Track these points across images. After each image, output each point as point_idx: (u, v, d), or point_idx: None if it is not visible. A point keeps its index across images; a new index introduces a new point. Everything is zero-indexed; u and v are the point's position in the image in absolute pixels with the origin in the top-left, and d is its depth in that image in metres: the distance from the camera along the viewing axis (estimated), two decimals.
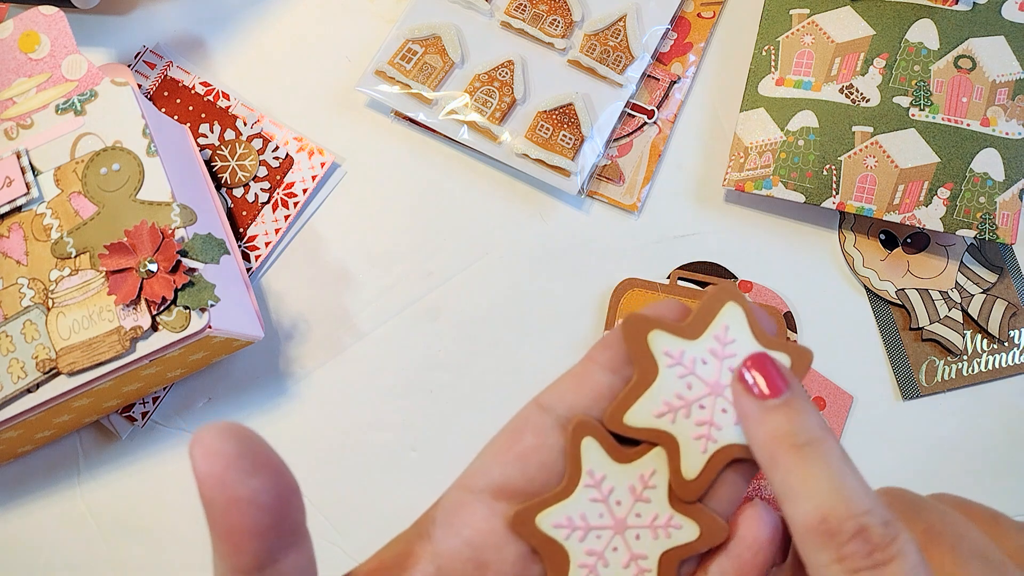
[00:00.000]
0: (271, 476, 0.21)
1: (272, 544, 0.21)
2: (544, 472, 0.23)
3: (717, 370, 0.23)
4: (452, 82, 0.47)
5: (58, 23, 0.41)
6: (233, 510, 0.20)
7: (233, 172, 0.47)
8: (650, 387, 0.23)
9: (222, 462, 0.20)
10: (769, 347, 0.23)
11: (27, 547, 0.43)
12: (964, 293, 0.45)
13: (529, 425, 0.24)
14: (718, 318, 0.24)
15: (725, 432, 0.23)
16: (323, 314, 0.45)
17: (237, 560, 0.20)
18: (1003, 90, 0.44)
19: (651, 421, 0.23)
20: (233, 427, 0.20)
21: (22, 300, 0.38)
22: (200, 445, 0.20)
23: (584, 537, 0.23)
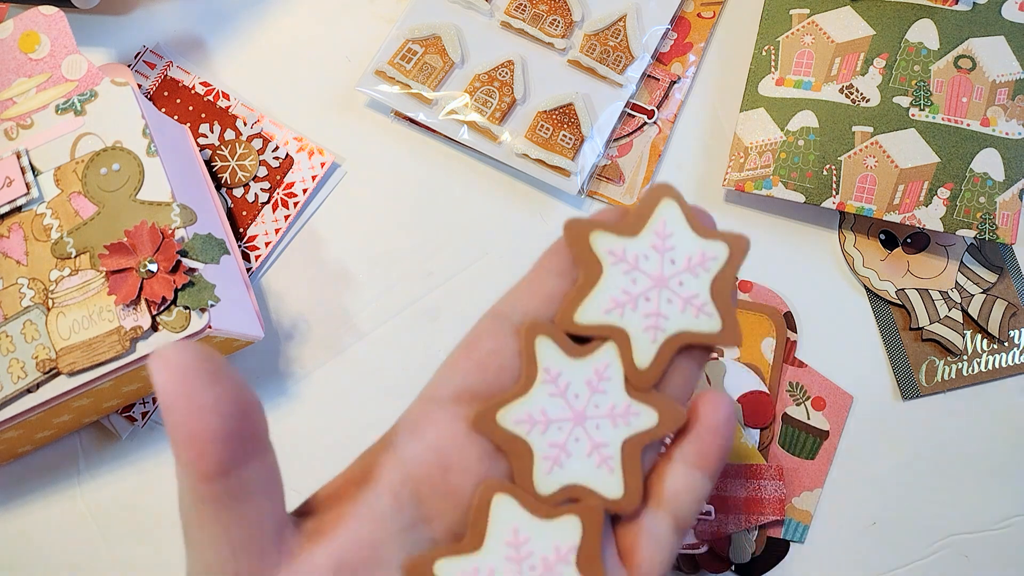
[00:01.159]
0: (231, 386, 0.21)
1: (234, 450, 0.21)
2: (503, 375, 0.24)
3: (659, 263, 0.24)
4: (452, 82, 0.47)
5: (58, 23, 0.41)
6: (194, 416, 0.20)
7: (233, 172, 0.47)
8: (596, 285, 0.24)
9: (182, 371, 0.20)
10: (706, 237, 0.24)
11: (27, 547, 0.43)
12: (964, 293, 0.45)
13: (485, 333, 0.24)
14: (656, 214, 0.24)
15: (672, 321, 0.24)
16: (323, 314, 0.45)
17: (200, 466, 0.20)
18: (1003, 90, 0.44)
19: (600, 317, 0.24)
20: (192, 343, 0.20)
21: (22, 300, 0.38)
22: (159, 358, 0.20)
23: (545, 430, 0.24)
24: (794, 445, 0.43)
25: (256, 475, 0.21)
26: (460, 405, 0.24)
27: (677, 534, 0.24)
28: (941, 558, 0.42)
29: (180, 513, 0.22)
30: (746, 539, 0.42)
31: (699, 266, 0.24)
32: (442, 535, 0.23)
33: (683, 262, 0.24)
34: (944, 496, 0.43)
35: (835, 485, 0.43)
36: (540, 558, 0.23)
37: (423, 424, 0.24)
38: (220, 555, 0.21)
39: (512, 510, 0.23)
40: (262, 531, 0.21)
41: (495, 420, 0.23)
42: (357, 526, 0.22)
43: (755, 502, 0.42)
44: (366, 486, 0.23)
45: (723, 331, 0.24)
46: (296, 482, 0.44)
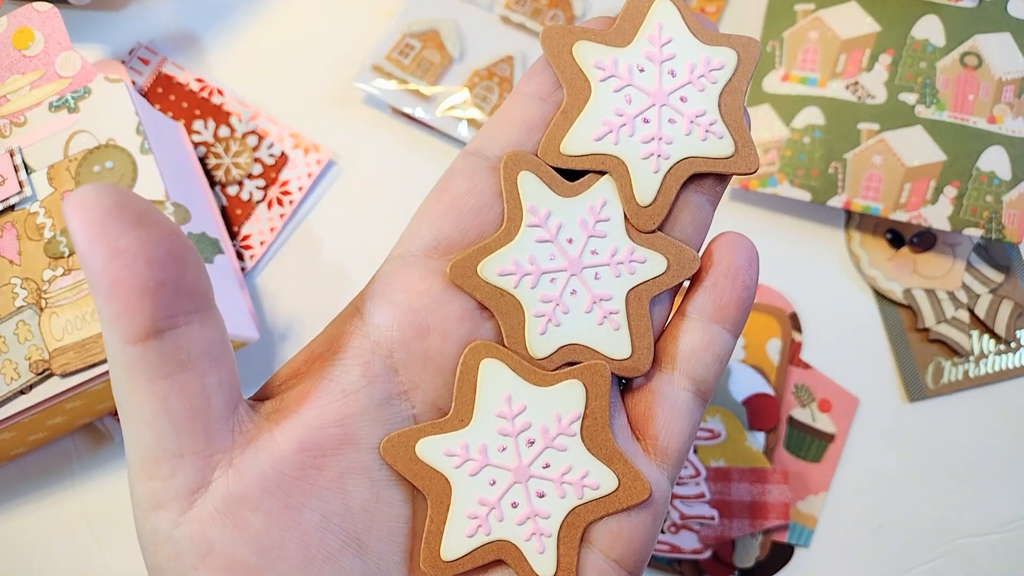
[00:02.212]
0: (161, 230, 0.17)
1: (167, 304, 0.17)
2: (480, 217, 0.20)
3: (657, 76, 0.20)
4: (450, 77, 0.47)
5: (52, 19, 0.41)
6: (116, 263, 0.17)
7: (227, 170, 0.46)
8: (584, 107, 0.20)
9: (100, 213, 0.17)
10: (709, 43, 0.21)
11: (21, 550, 0.43)
12: (971, 293, 0.45)
13: (457, 172, 0.21)
14: (649, 18, 0.21)
15: (677, 145, 0.20)
16: (319, 314, 0.45)
17: (128, 324, 0.17)
18: (1009, 87, 0.44)
19: (591, 146, 0.20)
20: (109, 186, 0.17)
21: (15, 300, 0.38)
22: (72, 199, 0.17)
23: (536, 283, 0.20)
24: (799, 448, 0.43)
25: (197, 338, 0.18)
26: (434, 258, 0.21)
27: (698, 399, 0.21)
28: (948, 562, 0.42)
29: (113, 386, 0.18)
30: (751, 544, 0.42)
31: (703, 77, 0.21)
32: (422, 409, 0.20)
33: (684, 73, 0.21)
34: (951, 499, 0.43)
35: (840, 489, 0.43)
36: (539, 430, 0.20)
37: (393, 284, 0.21)
38: (160, 433, 0.18)
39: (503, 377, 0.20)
40: (208, 405, 0.18)
41: (476, 272, 0.20)
42: (323, 403, 0.19)
43: (760, 506, 0.42)
44: (332, 359, 0.20)
45: (737, 154, 0.21)
46: None
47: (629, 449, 0.21)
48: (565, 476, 0.20)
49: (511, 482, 0.20)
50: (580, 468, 0.20)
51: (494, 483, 0.20)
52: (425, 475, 0.20)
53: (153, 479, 0.18)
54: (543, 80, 0.21)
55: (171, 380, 0.18)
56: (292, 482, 0.19)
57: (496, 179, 0.20)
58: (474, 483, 0.20)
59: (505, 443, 0.20)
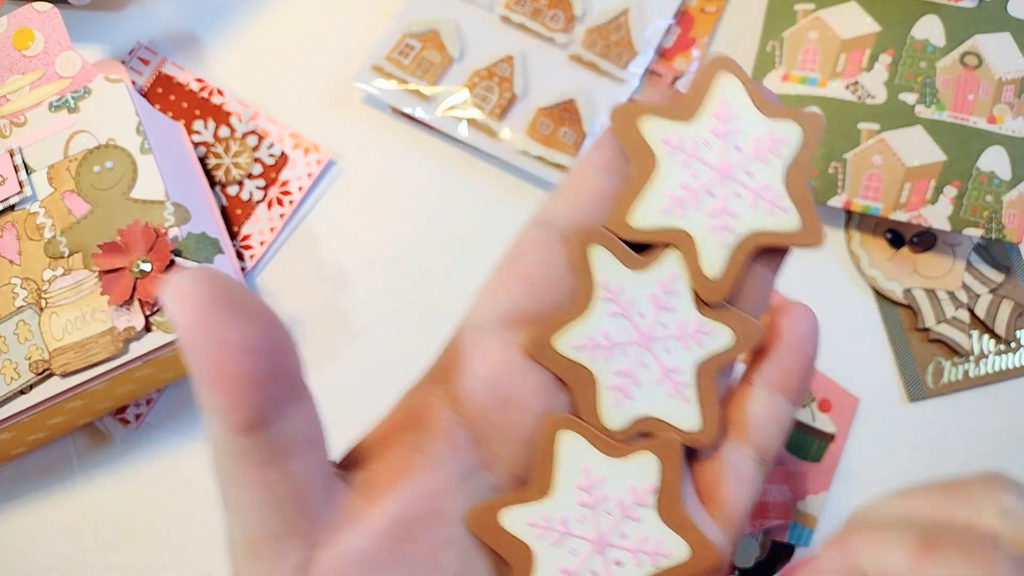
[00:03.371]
0: (261, 319, 0.18)
1: (272, 395, 0.18)
2: (554, 289, 0.21)
3: (722, 150, 0.21)
4: (450, 77, 0.47)
5: (52, 19, 0.41)
6: (224, 356, 0.17)
7: (227, 170, 0.46)
8: (651, 181, 0.21)
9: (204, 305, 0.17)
10: (774, 116, 0.21)
11: (21, 550, 0.43)
12: (971, 293, 0.45)
13: (529, 244, 0.21)
14: (713, 92, 0.21)
15: (743, 219, 0.21)
16: (319, 315, 0.45)
17: (236, 416, 0.17)
18: (1009, 87, 0.44)
19: (658, 219, 0.21)
20: (206, 270, 0.17)
21: (15, 300, 0.38)
22: (173, 289, 0.17)
23: (610, 356, 0.21)
24: (799, 448, 0.43)
25: (299, 423, 0.19)
26: (511, 329, 0.21)
27: (761, 467, 0.22)
28: None
29: (215, 471, 0.19)
30: (751, 543, 0.42)
31: (769, 151, 0.21)
32: (504, 480, 0.21)
33: (750, 148, 0.21)
34: None
35: (841, 488, 0.43)
36: (616, 502, 0.21)
37: (473, 355, 0.21)
38: (266, 517, 0.19)
39: (580, 449, 0.20)
40: (311, 488, 0.19)
41: (552, 346, 0.20)
42: (413, 477, 0.20)
43: (760, 506, 0.42)
44: (418, 430, 0.21)
45: (804, 229, 0.21)
46: None
47: (698, 516, 0.21)
48: (641, 546, 0.21)
49: (590, 551, 0.21)
50: (655, 538, 0.21)
51: (574, 552, 0.21)
52: (510, 545, 0.20)
53: (260, 560, 0.19)
54: (610, 154, 0.21)
55: (276, 466, 0.18)
56: (389, 556, 0.19)
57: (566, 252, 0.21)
58: (556, 553, 0.20)
59: (584, 514, 0.21)
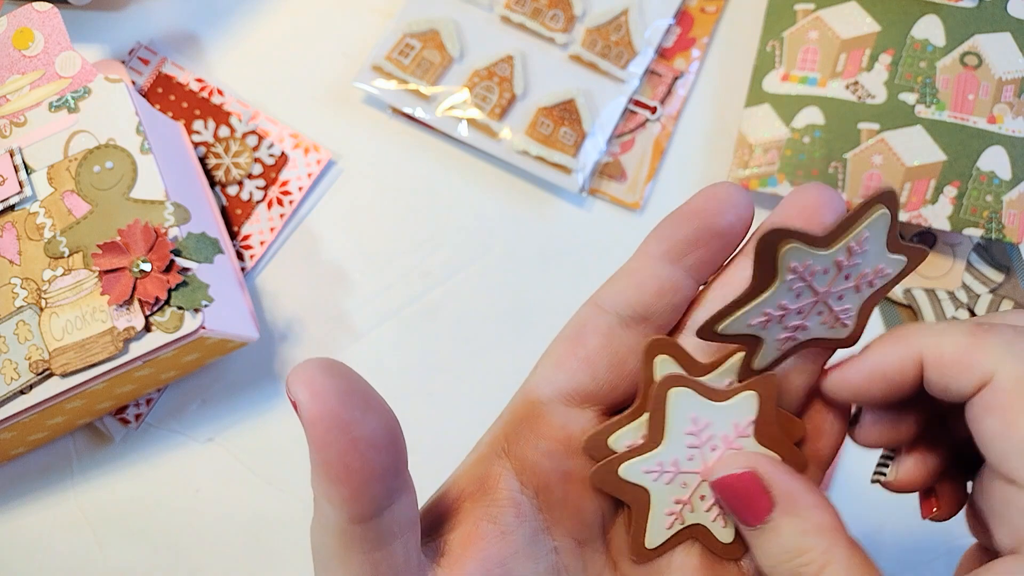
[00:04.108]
0: (383, 413, 0.19)
1: (389, 487, 0.19)
2: (612, 373, 0.23)
3: (832, 280, 0.22)
4: (450, 77, 0.47)
5: (52, 19, 0.41)
6: (352, 452, 0.18)
7: (227, 170, 0.46)
8: (759, 298, 0.21)
9: (335, 400, 0.18)
10: (893, 251, 0.22)
11: (21, 551, 0.43)
12: (971, 293, 0.45)
13: (590, 327, 0.23)
14: (860, 224, 0.21)
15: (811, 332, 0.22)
16: (319, 315, 0.45)
17: (357, 507, 0.19)
18: (1009, 87, 0.44)
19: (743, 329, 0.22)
20: (333, 362, 0.18)
21: (15, 300, 0.38)
22: (305, 384, 0.18)
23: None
24: None
25: (404, 509, 0.20)
26: (571, 406, 0.23)
27: None
28: (948, 562, 0.42)
29: (316, 547, 0.20)
30: None
31: (867, 283, 0.22)
32: (561, 542, 0.23)
33: (856, 278, 0.22)
34: None
35: (840, 490, 0.43)
36: (721, 438, 0.23)
37: (535, 429, 0.23)
38: None
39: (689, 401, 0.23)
40: (408, 567, 0.20)
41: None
42: (486, 545, 0.21)
43: None
44: (486, 499, 0.22)
45: (848, 337, 0.23)
46: (291, 486, 0.43)
47: None
48: None
49: (699, 481, 0.23)
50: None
51: (685, 485, 0.23)
52: (630, 491, 0.23)
53: None
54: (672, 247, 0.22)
55: (382, 550, 0.19)
56: None
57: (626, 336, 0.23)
58: (670, 489, 0.23)
59: (693, 453, 0.23)
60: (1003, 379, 0.19)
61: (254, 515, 0.43)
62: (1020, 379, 0.19)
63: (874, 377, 0.22)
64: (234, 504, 0.43)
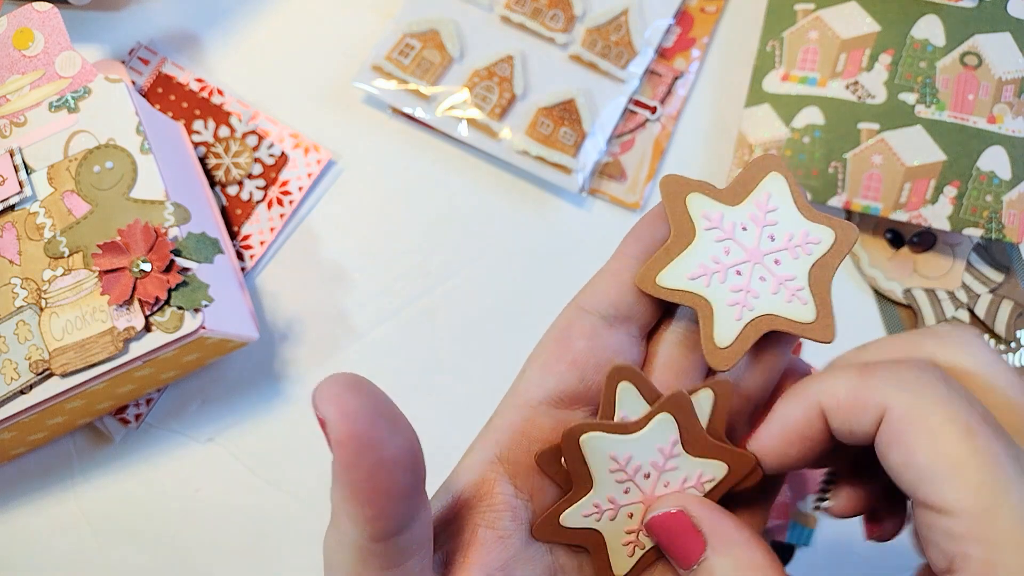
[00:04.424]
0: (408, 432, 0.19)
1: (411, 507, 0.19)
2: (600, 374, 0.23)
3: (756, 237, 0.23)
4: (450, 77, 0.47)
5: (52, 19, 0.41)
6: (380, 474, 0.18)
7: (227, 170, 0.46)
8: (686, 249, 0.22)
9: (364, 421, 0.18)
10: (811, 219, 0.23)
11: (21, 551, 0.43)
12: (971, 293, 0.45)
13: (575, 329, 0.23)
14: (760, 186, 0.23)
15: (762, 300, 0.23)
16: (319, 315, 0.45)
17: (380, 525, 0.19)
18: (1009, 87, 0.44)
19: (685, 283, 0.23)
20: (359, 380, 0.18)
21: (15, 300, 0.38)
22: (334, 403, 0.18)
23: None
24: None
25: (421, 527, 0.20)
26: (560, 408, 0.23)
27: None
28: None
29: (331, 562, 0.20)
30: None
31: (799, 247, 0.23)
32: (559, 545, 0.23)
33: (783, 240, 0.23)
34: None
35: None
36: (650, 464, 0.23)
37: (528, 434, 0.23)
38: None
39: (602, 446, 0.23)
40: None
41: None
42: (486, 551, 0.22)
43: None
44: (482, 506, 0.22)
45: (816, 322, 0.23)
46: (291, 486, 0.43)
47: None
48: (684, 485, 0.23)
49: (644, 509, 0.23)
50: (695, 472, 0.23)
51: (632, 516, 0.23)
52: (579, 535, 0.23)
53: None
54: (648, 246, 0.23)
55: (400, 568, 0.20)
56: None
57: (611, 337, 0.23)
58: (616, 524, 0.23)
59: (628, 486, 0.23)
60: (895, 411, 0.20)
61: (254, 515, 0.43)
62: (910, 407, 0.19)
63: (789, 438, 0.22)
64: (234, 504, 0.43)
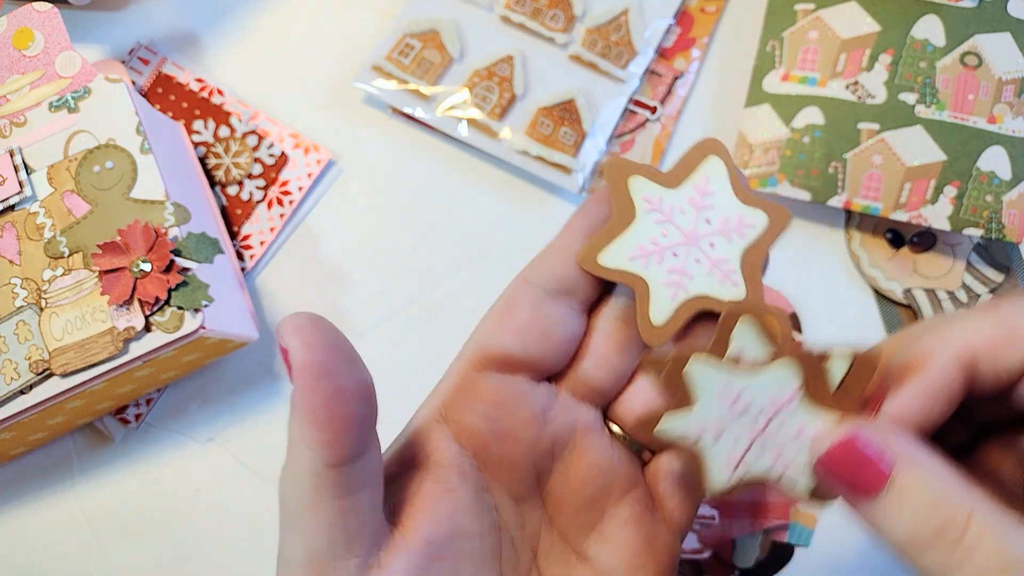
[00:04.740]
0: (362, 368, 0.21)
1: (364, 436, 0.21)
2: (542, 343, 0.24)
3: (694, 220, 0.24)
4: (450, 77, 0.47)
5: (52, 19, 0.41)
6: (337, 400, 0.19)
7: (227, 170, 0.46)
8: (626, 230, 0.24)
9: (324, 351, 0.20)
10: (747, 203, 0.24)
11: (21, 551, 0.43)
12: (971, 293, 0.45)
13: (519, 300, 0.24)
14: (699, 170, 0.24)
15: (696, 282, 0.24)
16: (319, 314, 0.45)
17: (335, 451, 0.20)
18: (1009, 87, 0.44)
19: (624, 263, 0.23)
20: (320, 318, 0.20)
21: (15, 300, 0.38)
22: (298, 333, 0.20)
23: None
24: None
25: (372, 462, 0.21)
26: (503, 372, 0.24)
27: None
28: None
29: (286, 494, 0.21)
30: (751, 543, 0.42)
31: (734, 231, 0.24)
32: (502, 501, 0.24)
33: (718, 223, 0.24)
34: None
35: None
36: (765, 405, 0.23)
37: (470, 394, 0.24)
38: (333, 541, 0.21)
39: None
40: (372, 518, 0.21)
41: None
42: (434, 503, 0.23)
43: (760, 506, 0.41)
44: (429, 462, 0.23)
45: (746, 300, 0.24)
46: None
47: None
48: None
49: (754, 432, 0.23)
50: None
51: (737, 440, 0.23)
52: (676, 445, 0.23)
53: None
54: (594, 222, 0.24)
55: (352, 498, 0.21)
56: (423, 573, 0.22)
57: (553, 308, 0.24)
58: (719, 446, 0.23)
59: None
60: None
61: (254, 515, 0.43)
62: None
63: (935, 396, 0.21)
64: (234, 504, 0.43)
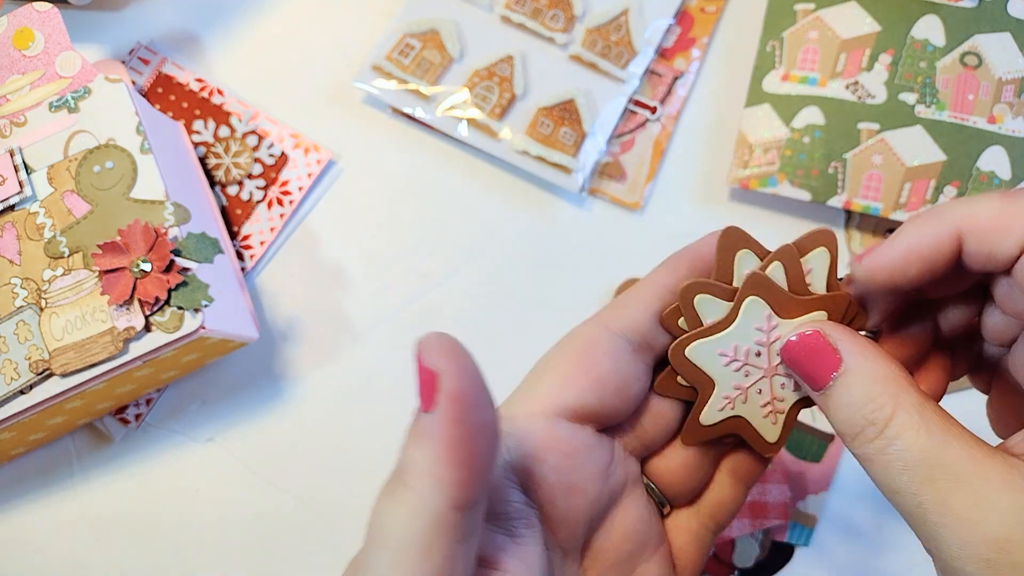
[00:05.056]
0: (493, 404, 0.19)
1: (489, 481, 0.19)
2: (618, 398, 0.23)
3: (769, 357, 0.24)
4: (450, 77, 0.47)
5: (52, 19, 0.41)
6: (481, 437, 0.18)
7: (227, 170, 0.46)
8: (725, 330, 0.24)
9: (477, 380, 0.18)
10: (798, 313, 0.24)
11: (21, 550, 0.43)
12: None
13: (602, 348, 0.24)
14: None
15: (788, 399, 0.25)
16: (319, 315, 0.45)
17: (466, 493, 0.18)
18: (1009, 87, 0.44)
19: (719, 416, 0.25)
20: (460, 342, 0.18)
21: (15, 300, 0.38)
22: (451, 357, 0.18)
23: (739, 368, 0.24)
24: (800, 448, 0.43)
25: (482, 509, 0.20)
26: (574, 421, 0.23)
27: None
28: None
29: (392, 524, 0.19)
30: (750, 543, 0.42)
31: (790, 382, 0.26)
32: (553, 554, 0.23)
33: None
34: None
35: (841, 488, 0.43)
36: None
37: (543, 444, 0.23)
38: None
39: None
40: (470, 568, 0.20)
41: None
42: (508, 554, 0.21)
43: (760, 506, 0.41)
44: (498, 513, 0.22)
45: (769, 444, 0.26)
46: (292, 485, 0.43)
47: None
48: None
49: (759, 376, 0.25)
50: None
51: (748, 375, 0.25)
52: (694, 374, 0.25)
53: None
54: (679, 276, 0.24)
55: (464, 545, 0.19)
56: None
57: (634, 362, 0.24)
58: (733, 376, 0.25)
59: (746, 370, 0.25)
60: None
61: (254, 515, 0.43)
62: None
63: (910, 256, 0.22)
64: (234, 504, 0.43)
